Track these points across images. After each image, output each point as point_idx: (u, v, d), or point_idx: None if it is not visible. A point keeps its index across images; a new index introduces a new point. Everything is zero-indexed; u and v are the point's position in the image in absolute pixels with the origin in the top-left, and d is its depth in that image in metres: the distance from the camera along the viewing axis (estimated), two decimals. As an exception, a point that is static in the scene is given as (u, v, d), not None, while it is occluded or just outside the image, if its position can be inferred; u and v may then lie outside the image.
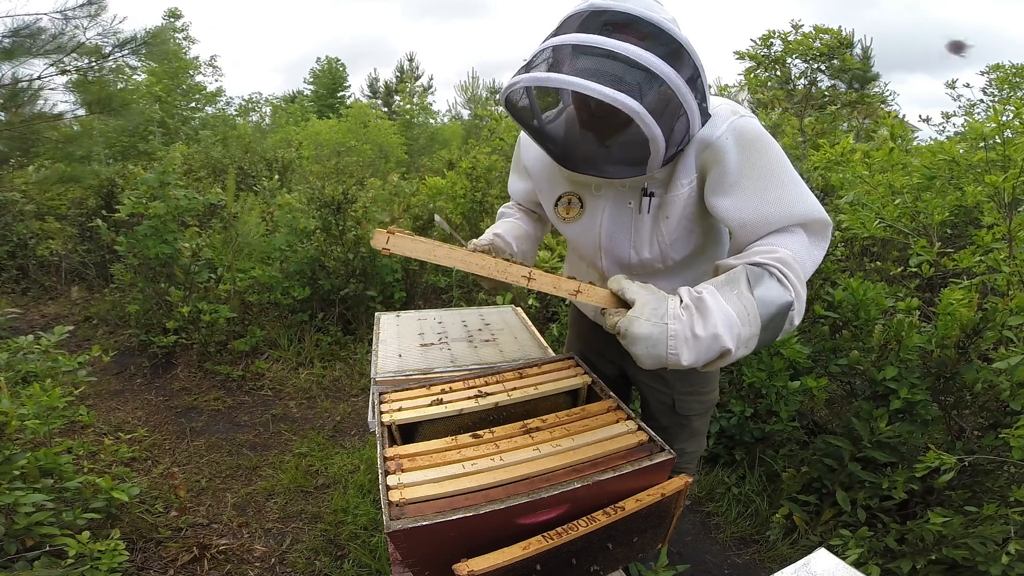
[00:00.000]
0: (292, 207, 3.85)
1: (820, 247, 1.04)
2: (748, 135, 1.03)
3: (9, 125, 3.92)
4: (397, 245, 0.83)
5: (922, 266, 2.05)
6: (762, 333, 0.90)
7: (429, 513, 0.91)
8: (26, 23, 3.56)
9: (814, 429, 2.32)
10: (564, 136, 1.12)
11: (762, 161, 1.03)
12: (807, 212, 1.02)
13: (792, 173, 1.04)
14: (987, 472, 1.71)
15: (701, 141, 1.04)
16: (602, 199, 1.20)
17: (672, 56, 0.93)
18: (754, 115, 1.08)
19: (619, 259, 1.23)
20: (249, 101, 17.15)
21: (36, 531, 1.55)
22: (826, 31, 7.93)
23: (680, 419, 1.45)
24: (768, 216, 1.02)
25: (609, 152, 1.06)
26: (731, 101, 1.10)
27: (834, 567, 0.77)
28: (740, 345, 0.89)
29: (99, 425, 2.73)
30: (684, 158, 1.07)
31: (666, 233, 1.14)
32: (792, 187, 1.03)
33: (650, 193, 1.13)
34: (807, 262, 1.01)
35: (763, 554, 1.97)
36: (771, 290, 0.91)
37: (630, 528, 1.06)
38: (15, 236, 4.69)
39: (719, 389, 1.51)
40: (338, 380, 3.32)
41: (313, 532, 2.07)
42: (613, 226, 1.20)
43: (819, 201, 1.05)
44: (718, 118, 1.04)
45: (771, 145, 1.04)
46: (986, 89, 7.19)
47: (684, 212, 1.11)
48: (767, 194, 1.02)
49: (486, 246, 1.28)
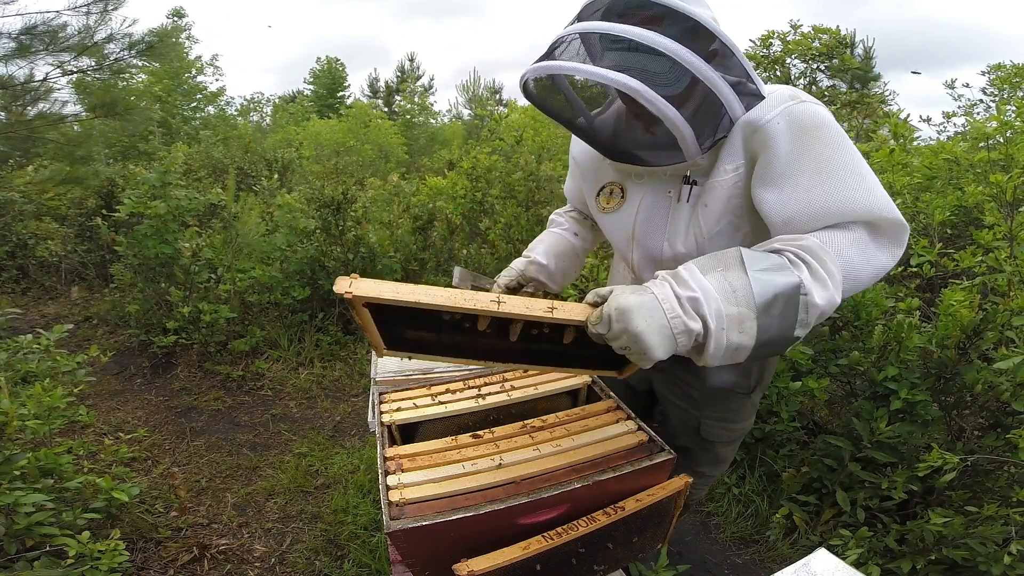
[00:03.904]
0: (292, 207, 3.85)
1: (887, 251, 0.91)
2: (804, 120, 0.92)
3: (10, 125, 3.92)
4: (360, 288, 0.81)
5: (923, 266, 2.05)
6: (761, 317, 0.78)
7: (429, 513, 0.91)
8: (43, 20, 3.56)
9: (814, 429, 2.32)
10: (594, 123, 1.09)
11: (817, 150, 0.91)
12: (870, 208, 0.88)
13: (857, 165, 0.91)
14: (987, 472, 1.71)
15: (749, 124, 0.95)
16: (643, 188, 1.13)
17: (688, 35, 0.89)
18: (816, 101, 0.96)
19: (651, 251, 1.14)
20: (251, 101, 17.18)
21: (36, 531, 1.55)
22: (825, 31, 7.93)
23: (704, 443, 1.33)
24: (816, 211, 0.89)
25: (642, 138, 1.03)
26: (795, 88, 1.00)
27: (834, 567, 0.77)
28: (724, 324, 0.78)
29: (99, 425, 2.73)
30: (730, 142, 0.98)
31: (704, 225, 1.04)
32: (853, 180, 0.89)
33: (692, 181, 1.04)
34: (855, 259, 0.87)
35: (763, 554, 1.97)
36: (772, 271, 0.80)
37: (630, 528, 1.06)
38: (15, 236, 4.69)
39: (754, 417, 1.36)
40: (338, 380, 3.32)
41: (313, 532, 2.07)
42: (649, 215, 1.12)
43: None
44: (772, 101, 0.95)
45: (832, 134, 0.92)
46: (986, 89, 7.18)
47: (728, 203, 1.01)
48: (819, 187, 0.89)
49: (514, 280, 1.31)
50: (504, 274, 1.33)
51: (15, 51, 3.65)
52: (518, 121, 7.26)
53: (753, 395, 1.27)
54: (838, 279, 0.83)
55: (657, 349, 0.77)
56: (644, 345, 0.77)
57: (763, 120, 0.93)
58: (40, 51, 3.73)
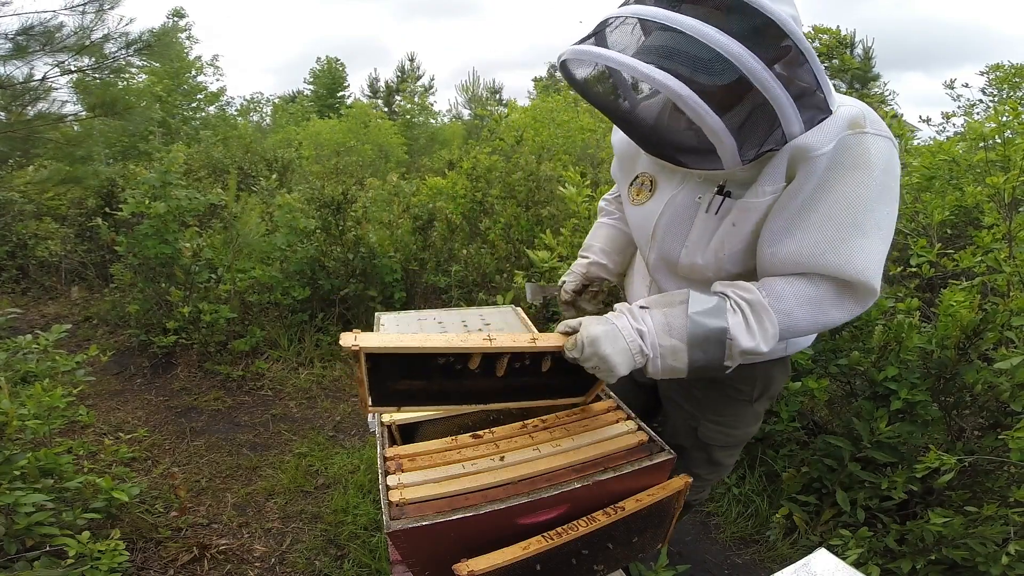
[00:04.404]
0: (292, 207, 3.85)
1: (846, 309, 0.93)
2: (845, 157, 0.87)
3: (10, 125, 3.92)
4: (365, 338, 0.89)
5: (922, 266, 2.05)
6: (691, 350, 0.89)
7: (429, 513, 0.91)
8: (40, 20, 3.56)
9: (814, 429, 2.32)
10: (638, 109, 1.01)
11: (838, 193, 0.87)
12: (849, 270, 0.88)
13: (867, 220, 0.88)
14: (987, 472, 1.71)
15: (801, 149, 0.88)
16: (675, 186, 1.08)
17: (755, 34, 0.79)
18: (881, 131, 0.89)
19: (668, 255, 1.11)
20: (251, 101, 17.18)
21: (36, 531, 1.55)
22: (825, 31, 7.94)
23: (700, 444, 1.32)
24: (799, 258, 0.90)
25: (682, 136, 0.95)
26: (862, 105, 0.92)
27: (834, 567, 0.77)
28: (658, 352, 0.91)
29: (99, 425, 2.73)
30: (775, 163, 0.91)
31: (728, 243, 0.99)
32: (852, 237, 0.87)
33: (727, 192, 0.98)
34: (801, 318, 0.92)
35: (763, 554, 1.97)
36: (708, 315, 0.90)
37: (630, 528, 1.06)
38: (15, 236, 4.69)
39: (758, 425, 1.35)
40: (338, 380, 3.32)
41: (313, 532, 2.07)
42: (673, 218, 1.08)
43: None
44: (833, 126, 0.88)
45: (864, 179, 0.87)
46: (985, 89, 7.19)
47: (758, 227, 0.96)
48: (814, 235, 0.89)
49: (580, 283, 1.36)
50: (569, 280, 1.38)
51: (12, 51, 3.65)
52: (518, 121, 7.27)
53: (756, 404, 1.26)
54: (770, 334, 0.91)
55: (621, 367, 0.92)
56: (610, 364, 0.91)
57: (817, 152, 0.87)
58: (37, 51, 3.73)
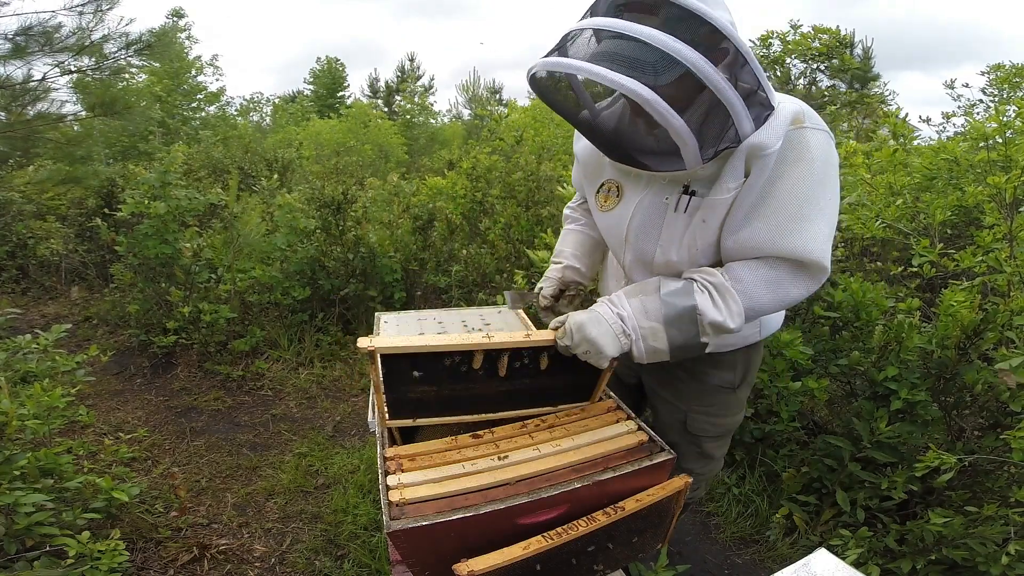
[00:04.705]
0: (292, 207, 3.85)
1: (803, 286, 1.03)
2: (792, 152, 0.96)
3: (10, 125, 3.92)
4: (379, 342, 1.00)
5: (923, 266, 2.05)
6: (667, 329, 1.01)
7: (429, 513, 0.91)
8: (39, 21, 3.56)
9: (814, 429, 2.32)
10: (599, 118, 1.08)
11: (785, 185, 0.97)
12: (801, 251, 0.98)
13: (813, 207, 0.98)
14: (987, 472, 1.71)
15: (756, 147, 0.96)
16: (641, 190, 1.14)
17: (702, 39, 0.86)
18: (818, 125, 0.99)
19: (643, 256, 1.17)
20: (251, 101, 17.18)
21: (36, 531, 1.55)
22: (825, 31, 7.94)
23: (690, 437, 1.35)
24: (755, 244, 1.01)
25: (643, 140, 1.02)
26: (799, 102, 1.01)
27: (834, 567, 0.77)
28: (640, 334, 1.03)
29: (99, 425, 2.73)
30: (734, 160, 0.99)
31: (700, 239, 1.07)
32: (799, 223, 0.97)
33: (692, 191, 1.06)
34: (762, 295, 1.02)
35: (763, 554, 1.97)
36: (678, 295, 1.02)
37: (630, 528, 1.06)
38: (15, 236, 4.69)
39: (743, 413, 1.40)
40: (338, 380, 3.32)
41: (313, 532, 2.07)
42: (644, 220, 1.14)
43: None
44: (778, 124, 0.96)
45: (806, 171, 0.97)
46: (986, 89, 7.19)
47: (724, 219, 1.04)
48: (767, 223, 0.99)
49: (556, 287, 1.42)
50: (546, 286, 1.43)
51: (11, 52, 3.65)
52: (518, 121, 7.26)
53: (738, 391, 1.32)
54: (735, 311, 1.01)
55: (608, 347, 1.03)
56: (599, 346, 1.03)
57: (769, 149, 0.95)
58: (36, 52, 3.73)
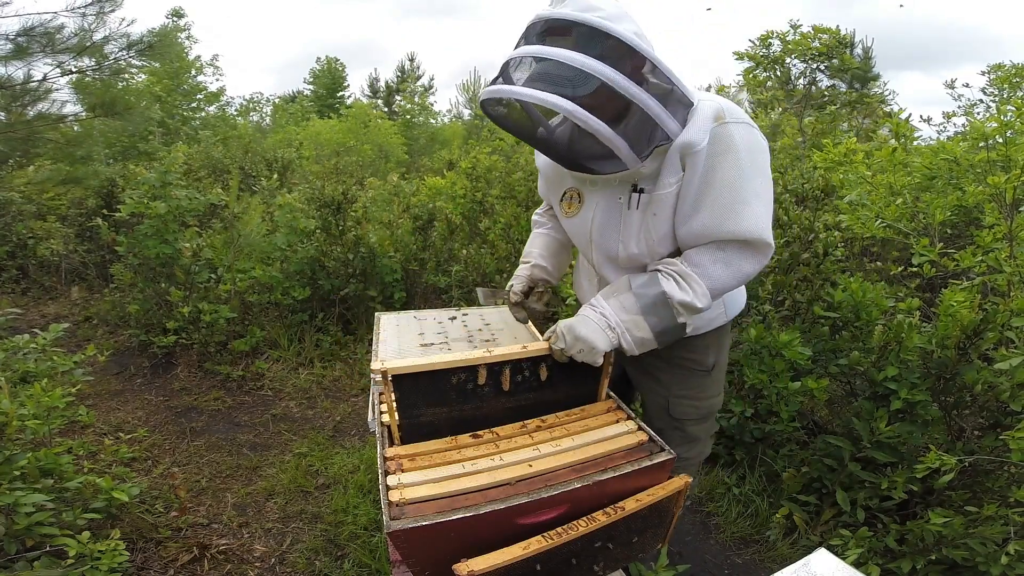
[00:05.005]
0: (292, 207, 3.85)
1: (753, 261, 1.15)
2: (718, 145, 1.07)
3: (10, 126, 3.92)
4: (391, 362, 1.06)
5: (923, 266, 2.05)
6: (646, 318, 1.13)
7: (429, 513, 0.91)
8: (40, 21, 3.56)
9: (814, 429, 2.32)
10: (554, 135, 1.20)
11: (719, 175, 1.08)
12: (745, 231, 1.10)
13: (748, 191, 1.09)
14: (987, 472, 1.71)
15: (686, 145, 1.08)
16: (598, 194, 1.26)
17: (610, 53, 0.98)
18: (738, 119, 1.09)
19: (608, 252, 1.28)
20: (250, 101, 17.17)
21: (36, 531, 1.55)
22: (825, 31, 7.94)
23: (674, 422, 1.44)
24: (703, 231, 1.13)
25: (589, 148, 1.12)
26: (720, 100, 1.11)
27: (834, 567, 0.77)
28: (623, 327, 1.14)
29: (99, 425, 2.73)
30: (669, 158, 1.11)
31: (654, 230, 1.18)
32: (739, 206, 1.08)
33: (640, 189, 1.17)
34: (720, 274, 1.14)
35: (763, 554, 1.97)
36: (647, 286, 1.15)
37: (630, 528, 1.06)
38: (15, 236, 4.69)
39: (722, 395, 1.49)
40: (338, 380, 3.32)
41: (313, 532, 2.07)
42: (604, 220, 1.25)
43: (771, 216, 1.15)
44: (702, 121, 1.07)
45: (735, 161, 1.07)
46: (986, 89, 7.18)
47: (673, 210, 1.16)
48: (710, 210, 1.10)
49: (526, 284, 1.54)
50: (517, 283, 1.55)
51: (13, 52, 3.65)
52: (518, 121, 7.24)
53: (713, 372, 1.41)
54: (699, 292, 1.13)
55: (600, 343, 1.13)
56: (591, 342, 1.13)
57: (698, 147, 1.08)
58: (38, 52, 3.73)
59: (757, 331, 2.18)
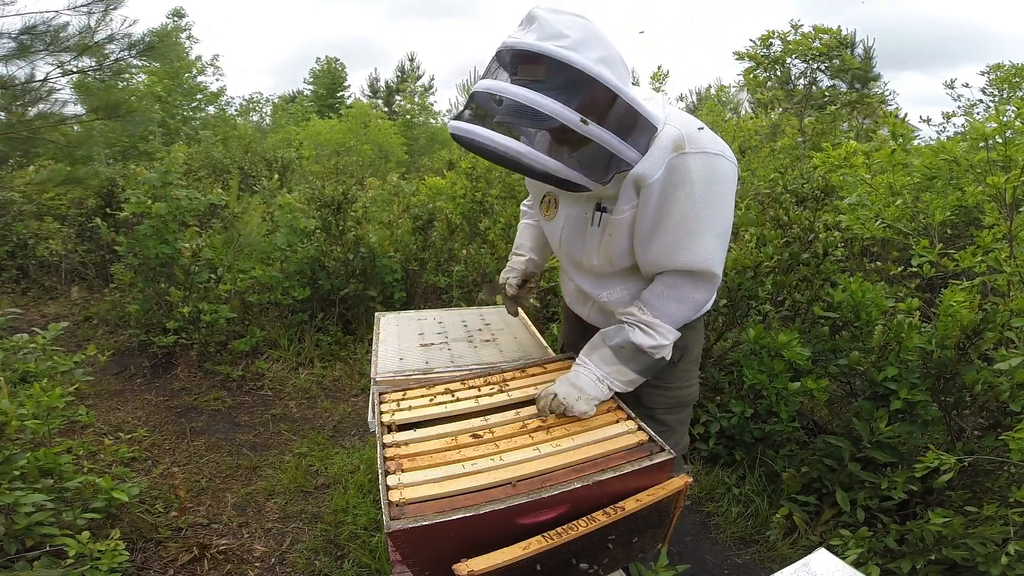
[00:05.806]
0: (292, 207, 3.85)
1: (704, 290, 1.21)
2: (673, 177, 1.09)
3: (10, 126, 3.92)
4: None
5: (923, 266, 2.05)
6: (627, 365, 1.22)
7: (429, 513, 0.91)
8: (44, 20, 3.55)
9: (814, 429, 2.32)
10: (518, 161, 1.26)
11: (670, 207, 1.11)
12: (690, 263, 1.15)
13: (698, 224, 1.12)
14: (987, 472, 1.71)
15: (640, 176, 1.11)
16: (570, 204, 1.32)
17: (571, 85, 1.00)
18: (699, 148, 1.09)
19: (574, 259, 1.37)
20: (250, 101, 17.17)
21: (36, 531, 1.55)
22: (825, 31, 7.93)
23: (646, 411, 1.41)
24: (653, 262, 1.20)
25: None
26: (684, 125, 1.11)
27: (834, 567, 0.77)
28: (611, 377, 1.23)
29: (99, 425, 2.73)
30: (625, 187, 1.15)
31: (610, 247, 1.25)
32: (686, 239, 1.13)
33: (603, 208, 1.23)
34: (676, 310, 1.21)
35: (763, 554, 1.97)
36: (616, 337, 1.23)
37: (630, 528, 1.06)
38: (15, 236, 4.69)
39: (695, 387, 1.49)
40: (338, 380, 3.32)
41: (313, 532, 2.07)
42: (571, 230, 1.32)
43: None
44: (660, 153, 1.09)
45: (689, 193, 1.09)
46: (985, 89, 7.18)
47: (627, 236, 1.22)
48: (659, 242, 1.15)
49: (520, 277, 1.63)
50: (512, 277, 1.62)
51: (15, 51, 3.65)
52: (518, 121, 7.24)
53: (680, 363, 1.43)
54: (664, 331, 1.21)
55: (595, 392, 1.22)
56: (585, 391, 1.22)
57: (651, 178, 1.10)
58: (40, 51, 3.73)
59: (756, 331, 2.19)
